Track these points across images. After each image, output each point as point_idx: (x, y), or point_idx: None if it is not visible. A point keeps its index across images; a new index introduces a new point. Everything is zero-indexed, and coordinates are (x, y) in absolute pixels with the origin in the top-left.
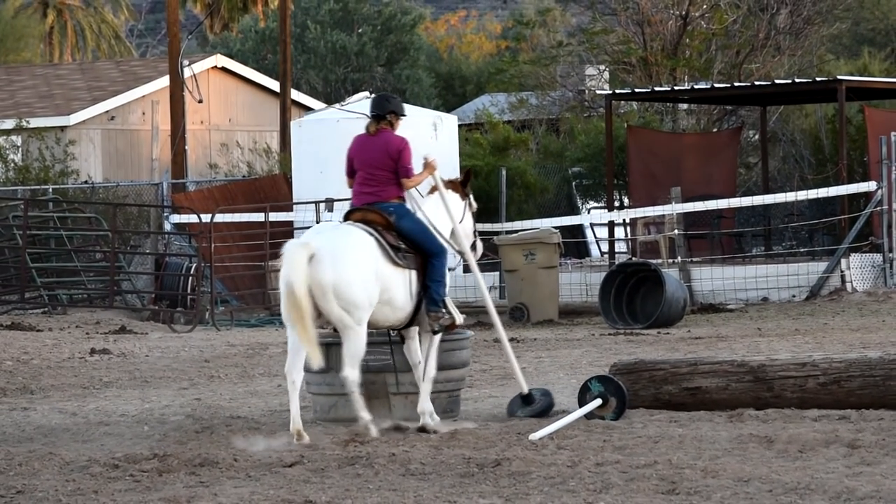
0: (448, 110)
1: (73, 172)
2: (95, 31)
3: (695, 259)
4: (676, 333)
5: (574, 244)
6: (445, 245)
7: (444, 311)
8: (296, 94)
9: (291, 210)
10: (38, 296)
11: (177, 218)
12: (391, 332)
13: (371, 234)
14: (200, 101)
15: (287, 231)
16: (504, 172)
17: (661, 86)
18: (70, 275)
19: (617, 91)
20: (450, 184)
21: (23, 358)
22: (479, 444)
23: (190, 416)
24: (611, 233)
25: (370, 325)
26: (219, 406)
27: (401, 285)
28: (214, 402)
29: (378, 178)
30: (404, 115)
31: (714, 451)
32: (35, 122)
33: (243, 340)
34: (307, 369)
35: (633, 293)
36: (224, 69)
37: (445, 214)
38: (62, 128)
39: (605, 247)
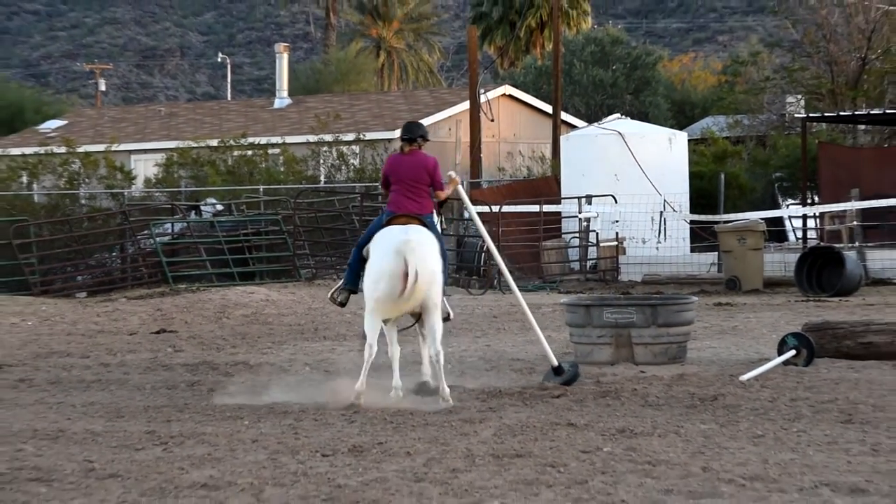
0: (680, 129)
1: None
2: (415, 67)
3: (869, 244)
4: (854, 301)
5: (776, 231)
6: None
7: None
8: (564, 116)
9: (559, 203)
10: None
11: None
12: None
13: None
14: (492, 121)
15: (556, 219)
16: (722, 177)
17: (844, 111)
18: None
19: (810, 115)
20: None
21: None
22: (701, 384)
23: (482, 358)
24: (804, 223)
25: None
26: (504, 351)
27: None
28: (500, 348)
29: (418, 191)
30: (429, 139)
31: (882, 391)
32: (369, 136)
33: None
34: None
35: (821, 269)
36: (511, 96)
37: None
38: (388, 140)
39: (799, 234)
